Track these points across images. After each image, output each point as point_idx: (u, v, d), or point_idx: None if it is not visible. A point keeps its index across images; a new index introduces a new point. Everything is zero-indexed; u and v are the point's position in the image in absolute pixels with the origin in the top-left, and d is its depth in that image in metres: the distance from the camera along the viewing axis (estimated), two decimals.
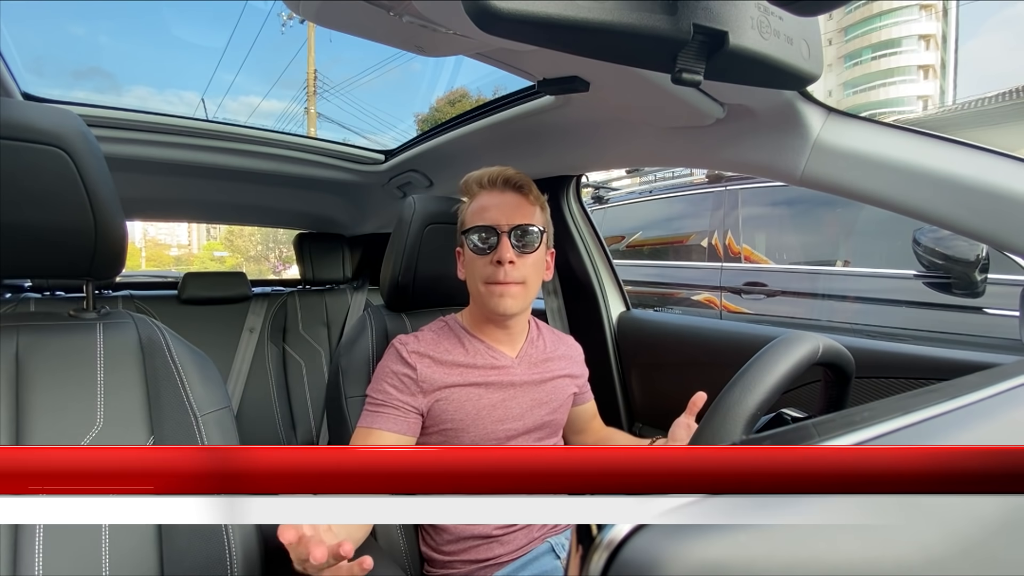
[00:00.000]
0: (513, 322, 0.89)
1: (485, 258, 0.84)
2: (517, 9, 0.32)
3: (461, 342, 0.89)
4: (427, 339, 0.88)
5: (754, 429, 0.49)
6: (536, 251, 0.86)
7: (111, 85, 69.98)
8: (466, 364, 0.86)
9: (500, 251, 0.83)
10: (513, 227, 0.84)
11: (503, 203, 0.85)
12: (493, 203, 0.85)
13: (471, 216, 0.87)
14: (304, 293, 1.96)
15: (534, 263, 0.86)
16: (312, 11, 0.64)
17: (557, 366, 0.94)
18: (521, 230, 0.84)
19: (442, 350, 0.87)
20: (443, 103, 14.65)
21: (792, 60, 0.43)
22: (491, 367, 0.88)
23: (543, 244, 0.88)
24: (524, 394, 0.88)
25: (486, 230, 0.84)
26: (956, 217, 0.70)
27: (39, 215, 0.62)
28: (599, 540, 0.22)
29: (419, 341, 0.88)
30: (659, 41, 0.35)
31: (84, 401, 0.67)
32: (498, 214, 0.84)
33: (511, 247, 0.83)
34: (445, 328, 0.92)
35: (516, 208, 0.85)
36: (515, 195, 0.87)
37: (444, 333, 0.90)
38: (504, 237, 0.83)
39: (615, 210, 4.02)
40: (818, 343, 0.53)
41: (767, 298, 2.93)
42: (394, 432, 0.82)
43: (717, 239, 3.21)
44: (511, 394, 0.87)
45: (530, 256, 0.85)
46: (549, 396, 0.91)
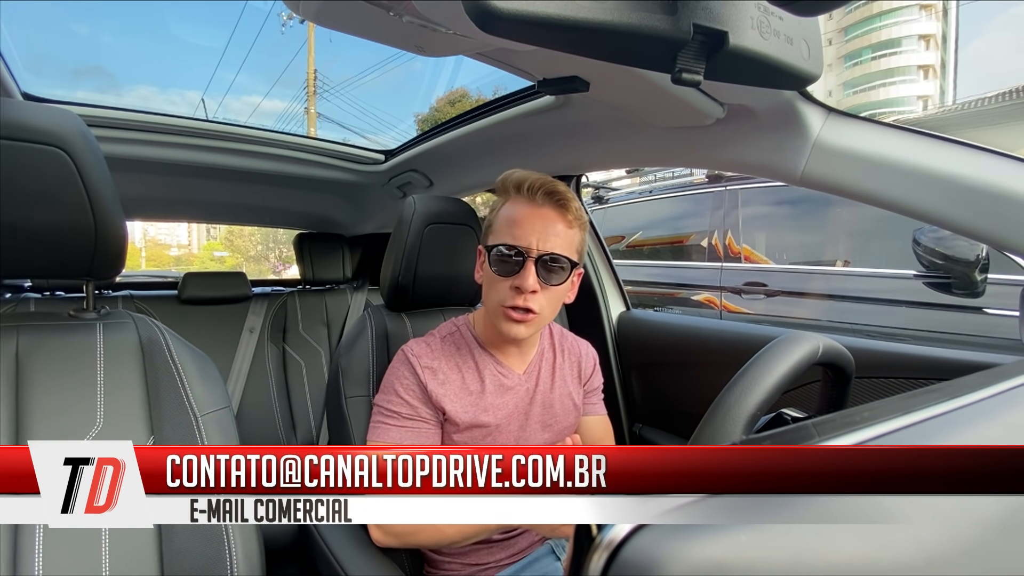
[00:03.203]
0: (525, 340, 0.84)
1: (506, 280, 0.77)
2: (517, 9, 0.32)
3: (472, 355, 0.85)
4: (438, 350, 0.84)
5: (754, 429, 0.49)
6: (562, 284, 0.79)
7: (112, 84, 69.91)
8: (475, 390, 0.83)
9: (523, 277, 0.76)
10: (543, 254, 0.76)
11: (538, 219, 0.77)
12: (527, 217, 0.77)
13: (500, 226, 0.79)
14: (304, 293, 1.95)
15: (556, 294, 0.79)
16: (312, 11, 0.64)
17: (565, 383, 0.90)
18: (551, 258, 0.76)
19: (450, 366, 0.83)
20: (443, 103, 14.64)
21: (792, 60, 0.43)
22: (498, 387, 0.84)
23: (572, 274, 0.80)
24: (529, 416, 0.86)
25: (513, 250, 0.77)
26: (956, 217, 0.70)
27: (39, 215, 0.62)
28: (599, 540, 0.22)
29: (430, 352, 0.83)
30: (659, 41, 0.35)
31: (84, 401, 0.67)
32: (530, 233, 0.76)
33: (535, 275, 0.76)
34: (456, 335, 0.87)
35: (550, 228, 0.77)
36: (553, 211, 0.78)
37: (455, 343, 0.86)
38: (530, 262, 0.76)
39: (615, 210, 4.02)
40: (818, 343, 0.53)
41: (767, 298, 2.93)
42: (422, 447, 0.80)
43: (717, 239, 3.21)
44: (515, 418, 0.85)
45: (554, 288, 0.78)
46: (555, 418, 0.88)
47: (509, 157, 1.27)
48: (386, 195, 1.72)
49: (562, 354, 0.92)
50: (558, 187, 0.79)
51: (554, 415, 0.88)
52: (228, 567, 0.68)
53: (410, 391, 0.81)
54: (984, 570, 0.24)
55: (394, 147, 1.60)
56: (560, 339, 0.94)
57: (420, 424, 0.80)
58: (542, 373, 0.88)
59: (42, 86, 38.74)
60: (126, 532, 0.65)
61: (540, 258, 0.76)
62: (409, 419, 0.80)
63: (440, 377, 0.81)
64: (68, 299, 1.60)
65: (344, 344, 1.00)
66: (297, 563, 1.35)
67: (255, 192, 1.71)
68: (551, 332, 0.94)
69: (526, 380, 0.87)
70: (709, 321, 1.38)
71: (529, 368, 0.88)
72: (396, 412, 0.80)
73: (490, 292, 0.81)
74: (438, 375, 0.82)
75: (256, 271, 20.01)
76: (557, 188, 0.79)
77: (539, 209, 0.78)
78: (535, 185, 0.78)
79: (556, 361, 0.91)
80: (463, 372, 0.83)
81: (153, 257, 25.04)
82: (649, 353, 1.34)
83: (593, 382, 0.95)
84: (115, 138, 1.25)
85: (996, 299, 2.06)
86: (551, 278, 0.77)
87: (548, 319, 0.82)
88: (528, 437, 0.85)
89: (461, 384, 0.83)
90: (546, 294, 0.78)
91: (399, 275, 0.98)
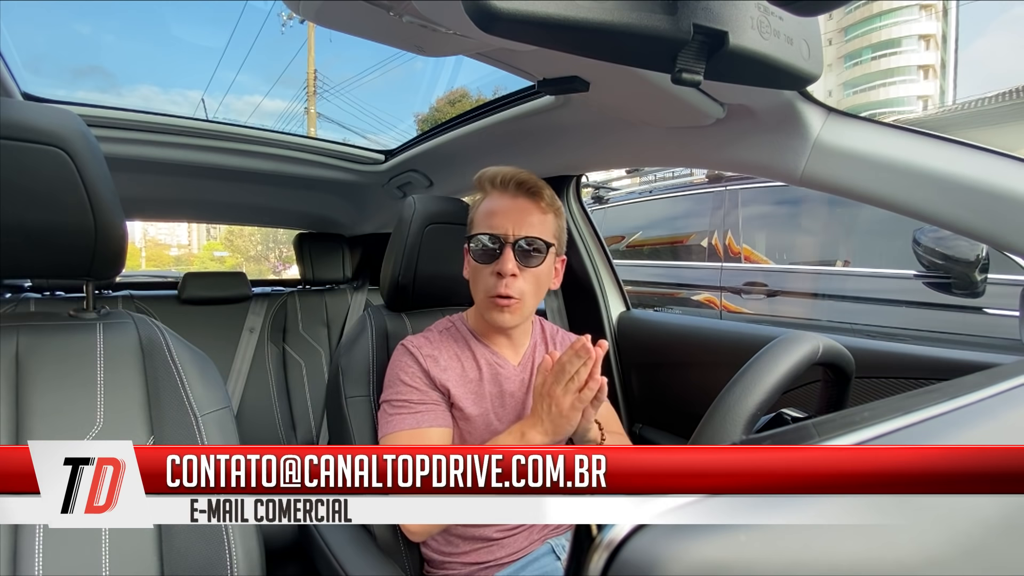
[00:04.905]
0: (513, 331, 0.89)
1: (487, 268, 0.83)
2: (517, 9, 0.32)
3: (468, 345, 0.89)
4: (437, 341, 0.88)
5: (754, 429, 0.49)
6: (541, 265, 0.83)
7: (112, 84, 69.94)
8: (473, 377, 0.86)
9: (502, 262, 0.81)
10: (519, 238, 0.81)
11: (512, 209, 0.83)
12: (502, 208, 0.83)
13: (479, 219, 0.85)
14: (304, 293, 1.95)
15: (538, 276, 0.84)
16: (312, 11, 0.64)
17: None
18: (527, 242, 0.81)
19: (450, 355, 0.86)
20: (443, 103, 14.65)
21: (792, 60, 0.43)
22: (495, 376, 0.87)
23: (550, 256, 0.85)
24: (525, 406, 0.87)
25: (491, 238, 0.82)
26: (956, 217, 0.70)
27: (39, 215, 0.62)
28: (599, 540, 0.22)
29: (429, 343, 0.87)
30: (659, 41, 0.35)
31: (84, 401, 0.67)
32: (505, 221, 0.82)
33: (514, 259, 0.81)
34: (452, 329, 0.91)
35: (525, 216, 0.82)
36: (527, 200, 0.83)
37: (451, 335, 0.90)
38: (508, 248, 0.81)
39: (615, 210, 4.02)
40: (818, 343, 0.53)
41: (767, 298, 2.93)
42: (443, 427, 0.82)
43: (717, 239, 3.21)
44: (511, 408, 0.87)
45: (534, 270, 0.83)
46: None
47: (509, 157, 1.27)
48: (386, 195, 1.72)
49: (555, 346, 0.96)
50: (529, 178, 0.84)
51: None
52: (228, 567, 0.68)
53: (416, 378, 0.83)
54: (984, 570, 0.24)
55: (394, 147, 1.60)
56: (552, 333, 0.98)
57: (433, 407, 0.82)
58: (535, 364, 0.92)
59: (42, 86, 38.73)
60: (126, 532, 0.65)
61: (516, 243, 0.81)
62: (421, 403, 0.82)
63: (442, 364, 0.85)
64: (68, 299, 1.60)
65: (344, 344, 1.00)
66: (297, 563, 1.35)
67: (255, 192, 1.71)
68: (543, 328, 0.98)
69: (520, 371, 0.90)
70: (709, 321, 1.38)
71: (523, 360, 0.91)
72: (407, 400, 0.82)
73: (476, 284, 0.86)
74: (439, 362, 0.85)
75: (256, 271, 20.02)
76: (528, 179, 0.84)
77: (513, 200, 0.84)
78: (507, 178, 0.84)
79: (549, 349, 0.94)
80: (462, 361, 0.87)
81: (153, 257, 25.05)
82: (649, 353, 1.34)
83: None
84: (115, 138, 1.25)
85: (996, 299, 2.06)
86: (529, 261, 0.82)
87: (532, 305, 0.86)
88: None
89: (461, 372, 0.86)
90: (526, 278, 0.83)
91: (399, 275, 0.99)
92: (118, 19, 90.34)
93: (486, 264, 0.83)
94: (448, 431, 0.83)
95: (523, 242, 0.81)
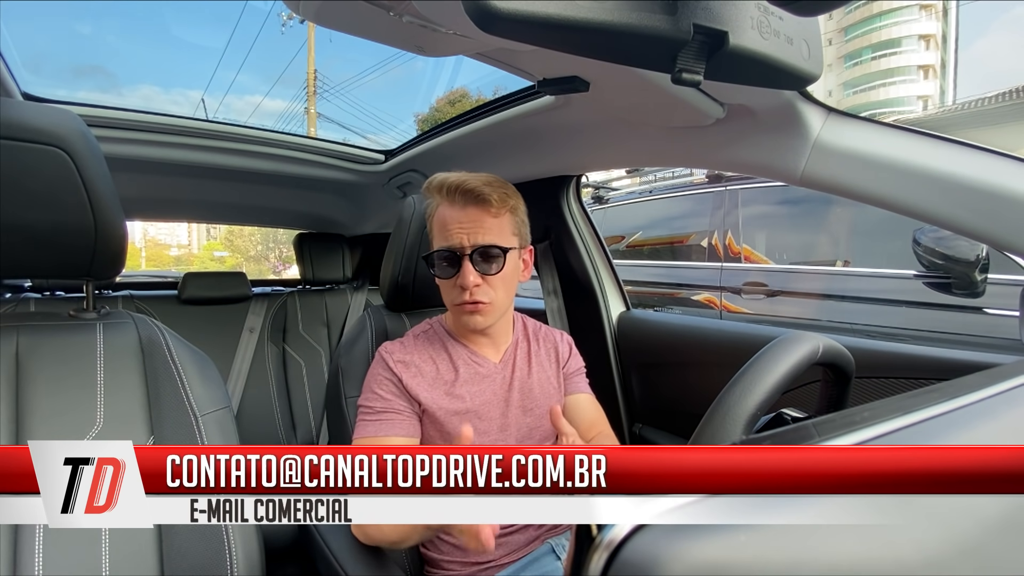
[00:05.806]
0: (492, 330, 0.88)
1: (450, 282, 0.82)
2: (517, 9, 0.32)
3: (445, 347, 0.88)
4: (411, 346, 0.88)
5: (754, 429, 0.49)
6: (503, 269, 0.82)
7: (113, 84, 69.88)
8: (448, 378, 0.86)
9: (463, 276, 0.80)
10: (475, 248, 0.80)
11: (463, 219, 0.81)
12: (453, 219, 0.81)
13: (435, 232, 0.84)
14: (304, 293, 1.95)
15: (503, 278, 0.83)
16: (312, 11, 0.64)
17: (543, 368, 0.93)
18: (482, 252, 0.80)
19: (424, 358, 0.86)
20: (443, 103, 14.64)
21: (792, 60, 0.43)
22: (474, 375, 0.87)
23: (511, 257, 0.83)
24: (508, 402, 0.87)
25: (447, 254, 0.81)
26: (956, 217, 0.70)
27: (39, 215, 0.62)
28: (599, 540, 0.22)
29: (403, 348, 0.87)
30: (659, 41, 0.35)
31: (84, 401, 0.67)
32: (459, 232, 0.80)
33: (474, 270, 0.80)
34: (430, 331, 0.91)
35: (477, 225, 0.80)
36: (476, 209, 0.81)
37: (428, 338, 0.90)
38: (465, 260, 0.80)
39: (615, 210, 4.02)
40: (818, 343, 0.53)
41: (767, 298, 2.93)
42: (402, 436, 0.81)
43: (717, 239, 3.21)
44: (494, 404, 0.87)
45: (496, 276, 0.82)
46: (535, 402, 0.89)
47: (509, 157, 1.28)
48: (386, 195, 1.72)
49: (537, 342, 0.96)
50: (475, 187, 0.81)
51: (534, 399, 0.90)
52: (228, 567, 0.68)
53: (383, 386, 0.84)
54: (984, 570, 0.24)
55: (394, 147, 1.60)
56: (535, 330, 0.98)
57: (393, 416, 0.82)
58: (518, 361, 0.92)
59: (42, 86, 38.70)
60: (126, 532, 0.65)
61: (473, 255, 0.80)
62: (383, 411, 0.82)
63: (413, 370, 0.85)
64: (68, 299, 1.60)
65: (344, 344, 1.00)
66: (297, 563, 1.35)
67: (255, 192, 1.71)
68: (525, 324, 0.98)
69: (502, 369, 0.90)
70: (709, 321, 1.38)
71: (505, 357, 0.91)
72: (371, 407, 0.83)
73: (444, 294, 0.86)
74: (411, 368, 0.85)
75: (256, 271, 20.01)
76: (474, 188, 0.81)
77: (463, 209, 0.82)
78: (452, 187, 0.82)
79: (531, 349, 0.94)
80: (437, 363, 0.87)
81: (153, 257, 25.04)
82: (649, 353, 1.34)
83: (572, 364, 0.98)
84: (115, 138, 1.25)
85: (996, 299, 2.06)
86: (490, 268, 0.82)
87: (504, 303, 0.85)
88: (510, 421, 0.87)
89: (435, 374, 0.86)
90: (491, 283, 0.82)
91: (399, 275, 0.99)
92: (119, 19, 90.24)
93: (448, 278, 0.83)
94: (410, 440, 0.82)
95: (478, 253, 0.80)
